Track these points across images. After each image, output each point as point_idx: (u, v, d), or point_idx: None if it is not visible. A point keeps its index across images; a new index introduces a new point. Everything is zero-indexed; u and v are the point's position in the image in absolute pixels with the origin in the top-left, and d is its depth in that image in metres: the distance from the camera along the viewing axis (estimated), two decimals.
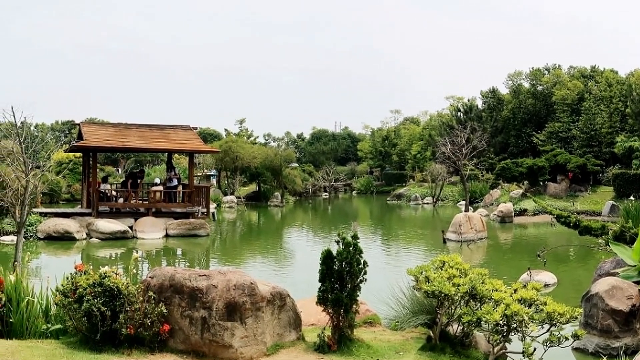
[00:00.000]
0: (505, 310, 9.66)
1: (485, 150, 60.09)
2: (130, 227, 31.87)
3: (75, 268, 9.91)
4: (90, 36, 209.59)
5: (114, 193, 35.57)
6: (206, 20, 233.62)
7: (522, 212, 46.71)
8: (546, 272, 20.40)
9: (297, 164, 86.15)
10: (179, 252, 29.39)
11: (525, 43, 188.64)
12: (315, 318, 11.52)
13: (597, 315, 12.02)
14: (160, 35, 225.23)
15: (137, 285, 9.70)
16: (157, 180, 37.99)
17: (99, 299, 9.10)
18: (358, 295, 10.25)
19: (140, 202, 35.09)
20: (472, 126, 54.68)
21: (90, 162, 35.96)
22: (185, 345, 9.43)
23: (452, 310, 10.63)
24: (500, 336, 9.89)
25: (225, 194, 63.79)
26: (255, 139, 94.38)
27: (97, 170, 36.95)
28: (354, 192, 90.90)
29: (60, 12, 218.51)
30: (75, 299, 9.23)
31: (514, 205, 46.86)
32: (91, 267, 10.05)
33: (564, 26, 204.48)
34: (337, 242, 10.22)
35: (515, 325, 9.75)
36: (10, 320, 9.89)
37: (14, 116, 16.78)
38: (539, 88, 77.24)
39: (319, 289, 10.13)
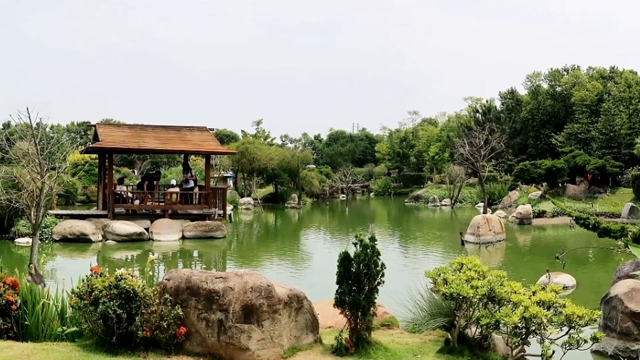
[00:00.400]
0: (524, 312, 9.57)
1: (504, 151, 59.92)
2: (147, 229, 31.84)
3: (91, 270, 9.87)
4: (105, 37, 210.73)
5: (130, 195, 35.54)
6: (222, 20, 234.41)
7: (541, 214, 46.47)
8: (565, 274, 20.27)
9: (314, 166, 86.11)
10: (195, 254, 29.36)
11: (544, 44, 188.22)
12: (333, 320, 11.47)
13: (617, 318, 11.90)
14: (176, 35, 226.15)
15: (154, 288, 9.66)
16: (174, 182, 38.00)
17: (114, 301, 9.06)
18: (376, 298, 10.18)
19: (157, 203, 35.03)
20: (490, 127, 54.61)
21: (106, 164, 35.97)
22: (202, 348, 9.37)
23: (471, 313, 10.54)
24: (519, 339, 9.80)
25: (242, 196, 63.87)
26: (272, 140, 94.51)
27: (113, 171, 36.96)
28: (371, 194, 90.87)
29: (75, 12, 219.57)
30: (91, 301, 9.20)
31: (532, 206, 46.64)
32: (107, 269, 10.01)
33: (583, 27, 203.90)
34: (355, 244, 10.15)
35: (533, 328, 9.65)
36: (26, 322, 9.88)
37: (29, 117, 16.78)
38: (558, 89, 76.98)
39: (337, 291, 10.08)
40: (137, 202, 34.60)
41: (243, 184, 68.49)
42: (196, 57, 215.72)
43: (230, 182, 72.36)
